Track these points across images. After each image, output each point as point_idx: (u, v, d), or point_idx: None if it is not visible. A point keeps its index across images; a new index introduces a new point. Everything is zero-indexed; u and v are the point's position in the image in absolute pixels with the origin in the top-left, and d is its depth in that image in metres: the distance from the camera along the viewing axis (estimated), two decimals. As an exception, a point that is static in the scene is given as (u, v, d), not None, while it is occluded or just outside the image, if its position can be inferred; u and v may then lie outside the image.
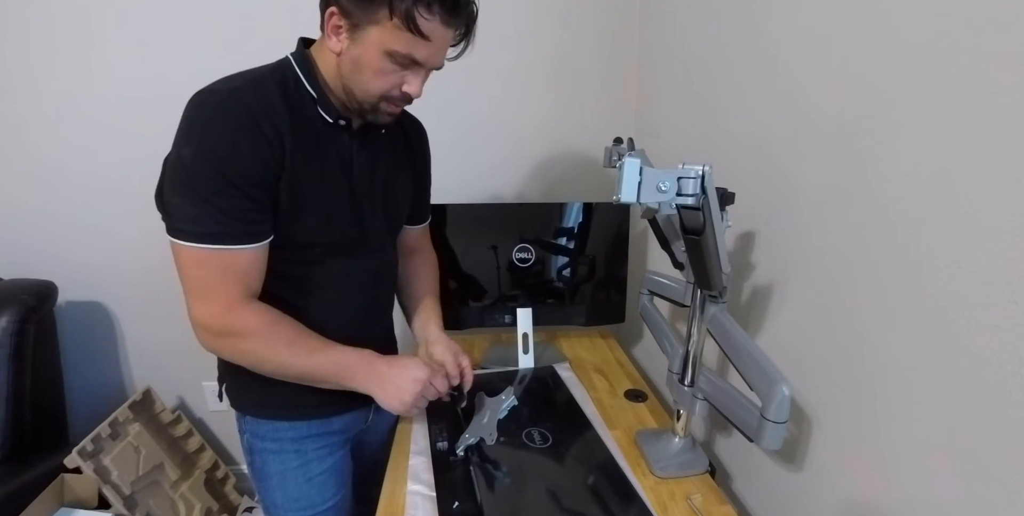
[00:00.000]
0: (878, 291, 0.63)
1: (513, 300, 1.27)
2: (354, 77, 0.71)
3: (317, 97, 0.75)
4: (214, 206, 0.67)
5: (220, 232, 0.68)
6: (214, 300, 0.71)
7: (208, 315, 0.71)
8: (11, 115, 1.32)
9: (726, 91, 0.96)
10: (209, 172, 0.66)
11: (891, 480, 0.62)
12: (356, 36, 0.68)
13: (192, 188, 0.67)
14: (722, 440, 1.01)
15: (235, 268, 0.71)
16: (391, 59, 0.69)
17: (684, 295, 0.85)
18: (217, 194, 0.67)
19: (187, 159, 0.67)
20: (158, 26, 1.28)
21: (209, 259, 0.69)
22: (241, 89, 0.69)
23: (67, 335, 1.47)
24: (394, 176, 0.88)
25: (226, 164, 0.66)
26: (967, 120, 0.51)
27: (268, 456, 0.89)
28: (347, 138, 0.79)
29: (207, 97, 0.69)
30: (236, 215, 0.69)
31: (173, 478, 1.45)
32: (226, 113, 0.67)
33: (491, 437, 0.91)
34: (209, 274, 0.70)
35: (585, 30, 1.38)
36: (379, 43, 0.67)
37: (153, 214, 1.46)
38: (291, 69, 0.75)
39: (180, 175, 0.68)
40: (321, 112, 0.75)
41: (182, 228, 0.68)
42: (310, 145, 0.74)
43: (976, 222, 0.50)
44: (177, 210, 0.68)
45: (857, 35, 0.64)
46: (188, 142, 0.67)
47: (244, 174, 0.68)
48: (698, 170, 0.57)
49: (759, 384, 0.68)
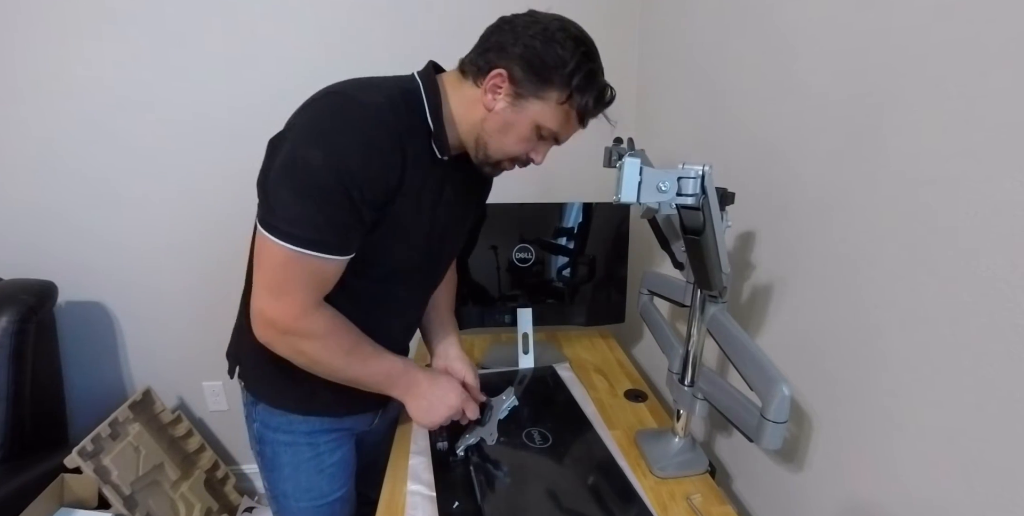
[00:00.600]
0: (878, 291, 0.63)
1: (513, 300, 1.27)
2: (497, 136, 0.73)
3: (435, 132, 0.73)
4: (322, 214, 0.66)
5: (318, 240, 0.67)
6: (290, 301, 0.70)
7: (279, 313, 0.70)
8: (12, 115, 1.32)
9: (726, 91, 0.96)
10: (331, 182, 0.64)
11: (891, 480, 0.62)
12: (517, 103, 0.70)
13: (307, 192, 0.65)
14: (722, 440, 1.01)
15: (319, 275, 0.70)
16: (537, 132, 0.73)
17: (684, 295, 0.85)
18: (330, 204, 0.65)
19: (314, 162, 0.64)
20: (160, 28, 1.28)
21: (297, 262, 0.67)
22: (384, 108, 0.68)
23: (67, 335, 1.47)
24: (466, 210, 0.91)
25: (351, 179, 0.65)
26: (969, 120, 0.51)
27: (280, 447, 0.89)
28: (440, 172, 0.78)
29: (351, 106, 0.66)
30: (339, 228, 0.68)
31: (173, 478, 1.45)
32: (368, 130, 0.66)
33: (491, 437, 0.91)
34: (292, 276, 0.69)
35: (585, 29, 1.38)
36: (536, 116, 0.71)
37: (154, 214, 1.47)
38: (416, 95, 0.73)
39: (299, 175, 0.65)
40: (433, 146, 0.74)
41: (280, 226, 0.66)
42: (418, 172, 0.73)
43: (977, 222, 0.50)
44: (282, 208, 0.66)
45: (860, 34, 0.64)
46: (319, 146, 0.65)
47: (363, 193, 0.67)
48: (698, 170, 0.57)
49: (759, 384, 0.68)
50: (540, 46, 0.68)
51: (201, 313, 1.53)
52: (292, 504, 0.92)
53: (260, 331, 0.73)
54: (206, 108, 1.34)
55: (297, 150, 0.65)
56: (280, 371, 0.80)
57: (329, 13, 1.31)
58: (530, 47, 0.68)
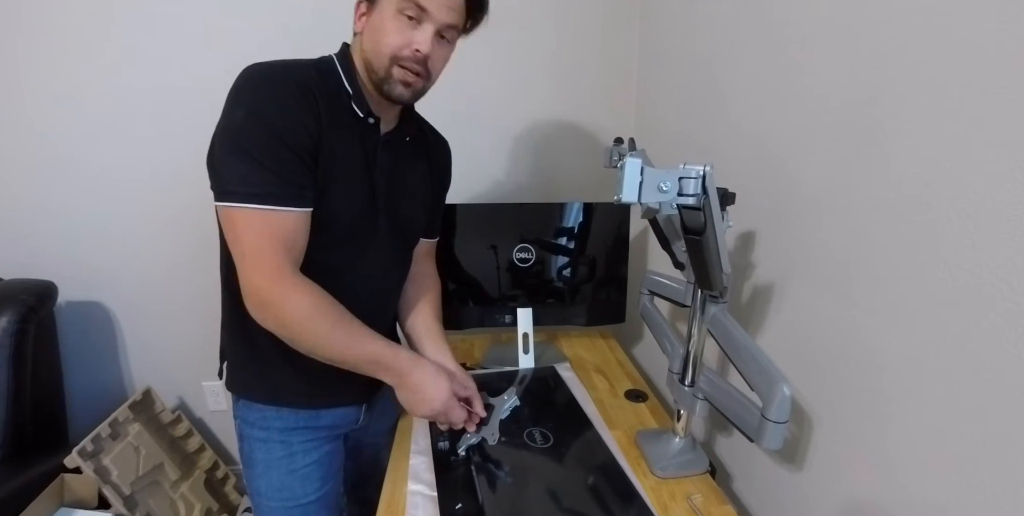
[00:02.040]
0: (879, 291, 0.63)
1: (513, 300, 1.27)
2: (373, 47, 0.74)
3: (352, 93, 0.78)
4: (264, 166, 0.69)
5: (269, 193, 0.70)
6: (265, 266, 0.71)
7: (260, 281, 0.71)
8: (12, 115, 1.32)
9: (727, 91, 0.96)
10: (261, 131, 0.69)
11: (891, 480, 0.62)
12: (373, 8, 0.73)
13: (244, 148, 0.69)
14: (722, 440, 1.01)
15: (283, 232, 0.71)
16: (401, 14, 0.72)
17: (684, 295, 0.85)
18: (267, 154, 0.69)
19: (239, 120, 0.70)
20: (160, 27, 1.28)
21: (259, 220, 0.70)
22: (289, 67, 0.74)
23: (67, 335, 1.47)
24: (412, 184, 0.90)
25: (277, 124, 0.70)
26: (969, 120, 0.51)
27: (255, 444, 0.89)
28: (373, 137, 0.82)
29: (259, 68, 0.73)
30: (285, 176, 0.70)
31: (173, 478, 1.45)
32: (277, 82, 0.72)
33: (493, 437, 0.91)
34: (259, 237, 0.70)
35: (585, 30, 1.38)
36: (391, 3, 0.72)
37: (154, 214, 1.47)
38: (331, 65, 0.79)
39: (232, 136, 0.70)
40: (354, 107, 0.78)
41: (233, 189, 0.70)
42: (341, 132, 0.77)
43: (977, 222, 0.50)
44: (229, 171, 0.70)
45: (860, 34, 0.64)
46: (240, 105, 0.71)
47: (293, 135, 0.71)
48: (699, 170, 0.57)
49: (759, 384, 0.68)
50: None
51: (202, 313, 1.53)
52: (264, 503, 0.91)
53: (250, 308, 0.73)
54: (209, 110, 1.34)
55: (224, 118, 0.72)
56: (254, 359, 0.82)
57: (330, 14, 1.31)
58: None
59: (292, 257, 0.73)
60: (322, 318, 0.74)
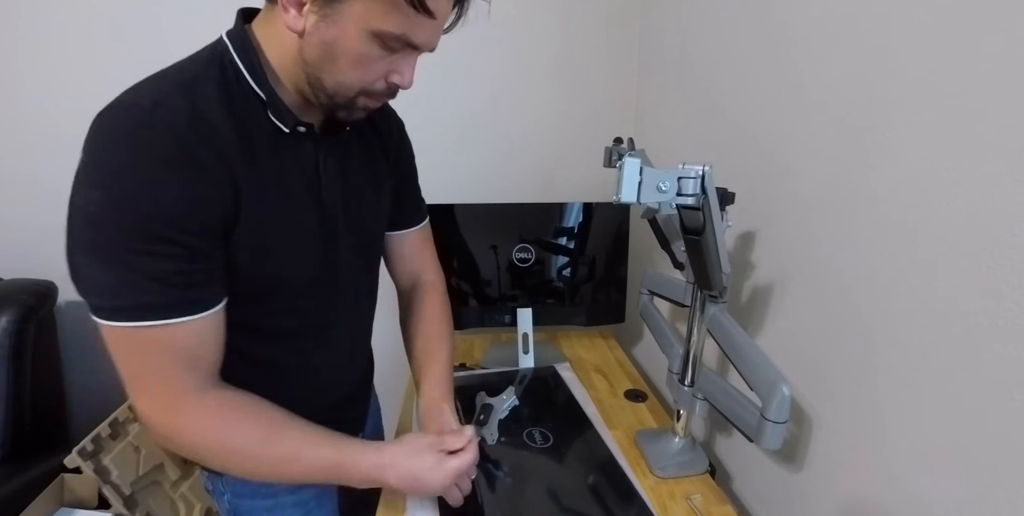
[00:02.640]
0: (879, 291, 0.63)
1: (513, 300, 1.27)
2: (325, 66, 0.54)
3: (266, 99, 0.57)
4: (135, 270, 0.49)
5: (148, 303, 0.51)
6: (157, 392, 0.55)
7: (150, 411, 0.56)
8: (12, 114, 1.32)
9: (727, 91, 0.96)
10: (122, 225, 0.49)
11: (891, 480, 0.62)
12: (328, 12, 0.51)
13: (103, 248, 0.49)
14: (722, 440, 1.01)
15: (177, 349, 0.53)
16: (378, 42, 0.53)
17: (684, 295, 0.85)
18: (136, 253, 0.49)
19: (94, 207, 0.49)
20: (160, 28, 1.28)
21: (141, 341, 0.52)
22: (164, 102, 0.51)
23: (67, 335, 1.47)
24: (370, 186, 0.73)
25: (144, 212, 0.49)
26: (968, 120, 0.51)
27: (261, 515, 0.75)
28: (310, 147, 0.62)
29: (118, 118, 0.51)
30: (168, 279, 0.51)
31: (173, 478, 1.45)
32: (145, 142, 0.49)
33: (492, 437, 0.91)
34: (146, 360, 0.53)
35: (585, 30, 1.38)
36: (363, 21, 0.51)
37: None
38: (229, 60, 0.56)
39: (86, 230, 0.50)
40: (272, 118, 0.58)
41: (101, 304, 0.51)
42: (266, 166, 0.57)
43: (977, 222, 0.50)
44: (88, 278, 0.51)
45: (860, 33, 0.64)
46: (93, 184, 0.49)
47: (170, 223, 0.50)
48: (698, 170, 0.57)
49: (759, 384, 0.68)
50: None
51: (201, 313, 1.53)
52: None
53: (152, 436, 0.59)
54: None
55: (76, 196, 0.50)
56: None
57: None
58: None
59: (196, 373, 0.56)
60: (235, 443, 0.58)
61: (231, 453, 0.59)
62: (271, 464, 0.60)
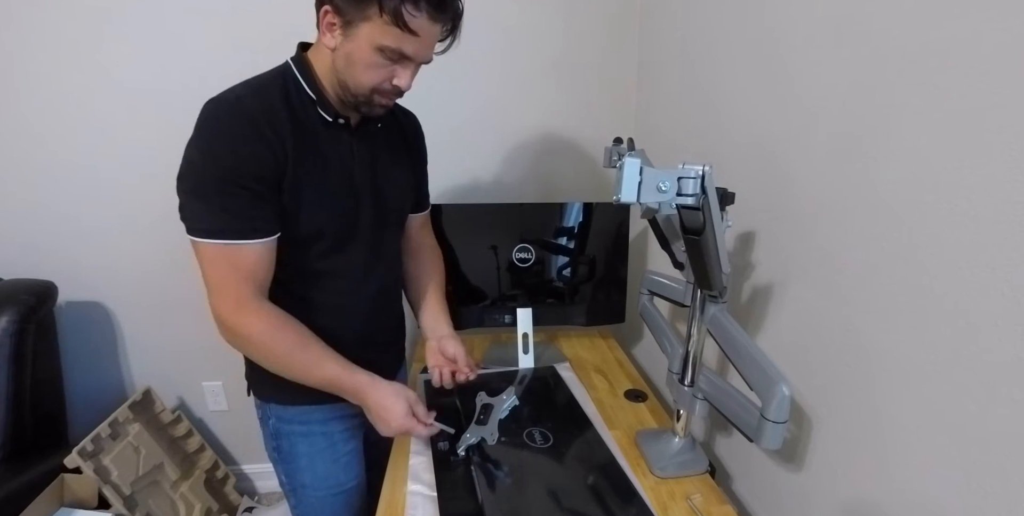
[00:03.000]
0: (879, 291, 0.63)
1: (513, 300, 1.27)
2: (348, 71, 0.75)
3: (316, 99, 0.79)
4: (217, 204, 0.73)
5: (223, 228, 0.74)
6: (225, 296, 0.76)
7: (219, 309, 0.77)
8: (12, 115, 1.32)
9: (726, 91, 0.97)
10: (213, 170, 0.73)
11: (891, 480, 0.62)
12: (349, 32, 0.72)
13: (199, 188, 0.74)
14: (722, 440, 1.01)
15: (241, 264, 0.75)
16: (381, 54, 0.73)
17: (684, 295, 0.85)
18: (220, 193, 0.73)
19: (195, 158, 0.74)
20: (161, 28, 1.28)
21: (217, 255, 0.75)
22: (244, 97, 0.76)
23: (67, 335, 1.47)
24: (393, 168, 0.92)
25: (226, 166, 0.73)
26: (969, 120, 0.51)
27: (297, 439, 0.93)
28: (347, 136, 0.84)
29: (214, 107, 0.75)
30: (237, 212, 0.74)
31: (173, 478, 1.45)
32: (230, 116, 0.74)
33: (492, 437, 0.91)
34: (220, 270, 0.75)
35: (585, 30, 1.38)
36: (370, 39, 0.71)
37: (153, 214, 1.48)
38: (291, 73, 0.80)
39: (187, 175, 0.75)
40: (320, 112, 0.80)
41: (193, 225, 0.75)
42: (312, 144, 0.79)
43: (977, 222, 0.50)
44: (187, 209, 0.75)
45: (860, 33, 0.64)
46: (196, 147, 0.74)
47: (246, 170, 0.73)
48: (698, 170, 0.57)
49: (759, 384, 0.68)
50: None
51: (201, 313, 1.51)
52: (311, 494, 0.96)
53: (220, 331, 0.79)
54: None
55: (184, 157, 0.75)
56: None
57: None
58: None
59: (254, 286, 0.77)
60: (279, 344, 0.78)
61: (272, 350, 0.78)
62: (300, 365, 0.79)
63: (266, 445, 0.97)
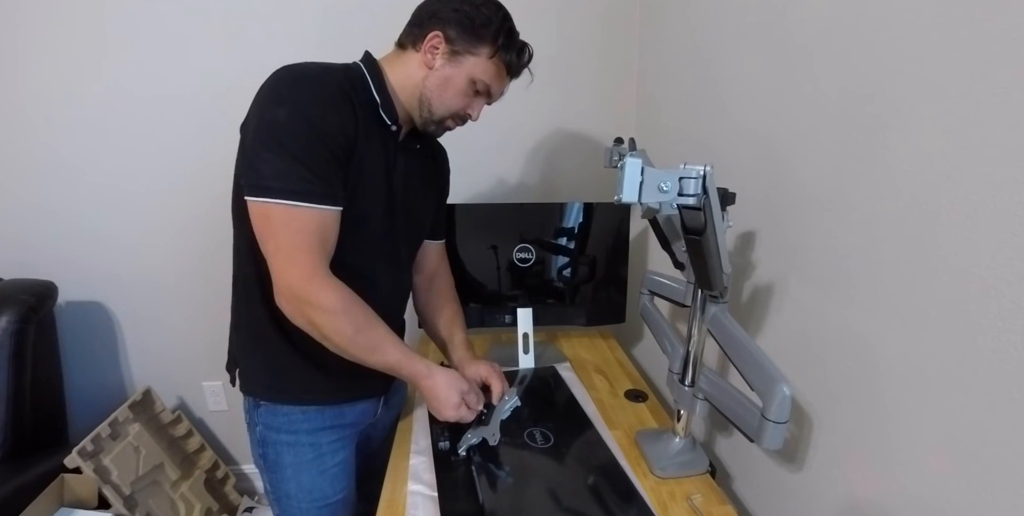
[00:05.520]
0: (879, 291, 0.63)
1: (513, 300, 1.27)
2: (439, 91, 0.81)
3: (380, 101, 0.81)
4: (305, 164, 0.71)
5: (306, 190, 0.71)
6: (300, 262, 0.72)
7: (294, 277, 0.73)
8: (13, 115, 1.32)
9: (727, 91, 0.97)
10: (302, 130, 0.71)
11: (891, 480, 0.62)
12: (453, 60, 0.79)
13: (286, 145, 0.70)
14: (722, 440, 1.01)
15: (318, 229, 0.73)
16: (473, 85, 0.81)
17: (684, 295, 0.85)
18: (306, 153, 0.71)
19: (281, 118, 0.71)
20: (162, 28, 1.28)
21: (296, 217, 0.71)
22: (331, 70, 0.77)
23: (67, 335, 1.47)
24: (423, 187, 0.95)
25: (318, 124, 0.72)
26: (970, 120, 0.51)
27: (283, 448, 0.90)
28: (393, 144, 0.85)
29: (300, 68, 0.75)
30: (322, 175, 0.72)
31: (173, 478, 1.45)
32: (320, 83, 0.74)
33: (493, 437, 0.91)
34: (296, 234, 0.72)
35: (585, 29, 1.39)
36: (471, 71, 0.80)
37: (153, 214, 1.47)
38: (358, 72, 0.81)
39: (272, 133, 0.71)
40: (382, 114, 0.81)
41: (271, 185, 0.71)
42: (370, 136, 0.80)
43: (977, 222, 0.50)
44: (267, 166, 0.71)
45: (859, 34, 0.64)
46: (282, 103, 0.72)
47: (333, 136, 0.73)
48: (699, 170, 0.57)
49: (760, 384, 0.68)
50: (470, 9, 0.78)
51: (201, 313, 1.53)
52: (295, 505, 0.93)
53: (281, 302, 0.75)
54: (208, 109, 1.34)
55: (264, 115, 0.72)
56: (274, 362, 0.84)
57: (336, 23, 1.31)
58: (461, 11, 0.78)
59: (325, 255, 0.75)
60: (349, 320, 0.76)
61: (343, 326, 0.75)
62: (364, 345, 0.78)
63: (252, 452, 0.94)
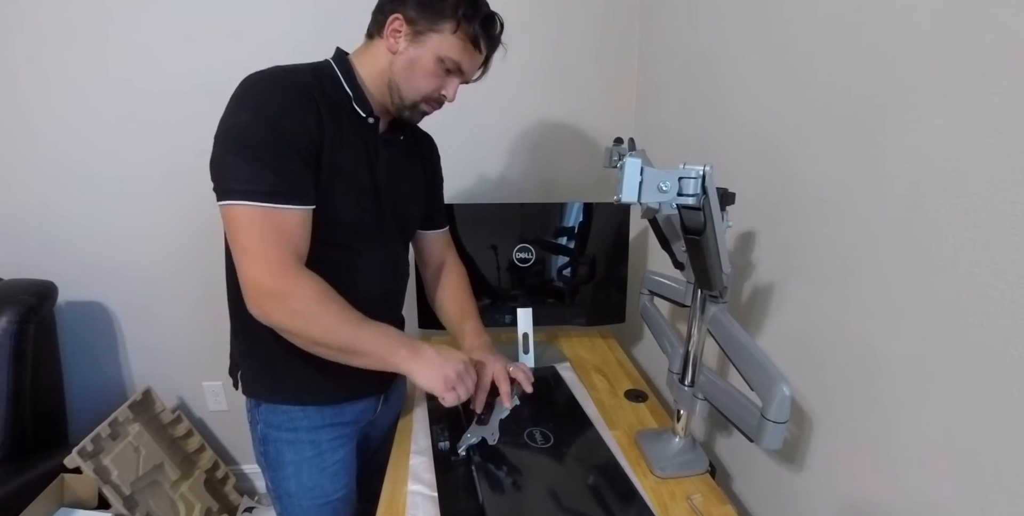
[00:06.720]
0: (879, 291, 0.63)
1: (513, 300, 1.27)
2: (405, 75, 0.79)
3: (353, 95, 0.81)
4: (268, 165, 0.71)
5: (272, 191, 0.71)
6: (269, 259, 0.72)
7: (263, 274, 0.72)
8: (13, 115, 1.32)
9: (727, 91, 0.97)
10: (265, 132, 0.71)
11: (891, 480, 0.62)
12: (416, 40, 0.78)
13: (248, 148, 0.71)
14: (722, 440, 1.01)
15: (286, 229, 0.73)
16: (441, 64, 0.79)
17: (684, 295, 0.85)
18: (271, 154, 0.71)
19: (244, 122, 0.72)
20: (162, 28, 1.28)
21: (262, 218, 0.71)
22: (289, 71, 0.77)
23: (67, 335, 1.47)
24: (408, 178, 0.94)
25: (280, 125, 0.72)
26: (970, 120, 0.51)
27: (283, 446, 0.90)
28: (372, 137, 0.85)
29: (261, 74, 0.76)
30: (286, 175, 0.72)
31: (173, 478, 1.45)
32: (280, 85, 0.75)
33: (493, 437, 0.91)
34: (262, 234, 0.71)
35: (585, 29, 1.39)
36: (436, 49, 0.77)
37: (153, 213, 1.47)
38: (329, 69, 0.81)
39: (236, 136, 0.72)
40: (356, 108, 0.81)
41: (236, 188, 0.71)
42: (343, 133, 0.80)
43: (977, 222, 0.50)
44: (231, 170, 0.71)
45: (860, 33, 0.64)
46: (245, 108, 0.73)
47: (295, 136, 0.73)
48: (699, 170, 0.57)
49: (759, 384, 0.68)
50: None
51: (201, 313, 1.53)
52: (296, 503, 0.93)
53: (252, 304, 0.73)
54: (208, 109, 1.33)
55: (228, 121, 0.73)
56: (273, 364, 0.84)
57: (331, 19, 1.31)
58: None
59: (295, 253, 0.74)
60: (329, 303, 0.74)
61: (320, 310, 0.73)
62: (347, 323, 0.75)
63: (254, 450, 0.95)
